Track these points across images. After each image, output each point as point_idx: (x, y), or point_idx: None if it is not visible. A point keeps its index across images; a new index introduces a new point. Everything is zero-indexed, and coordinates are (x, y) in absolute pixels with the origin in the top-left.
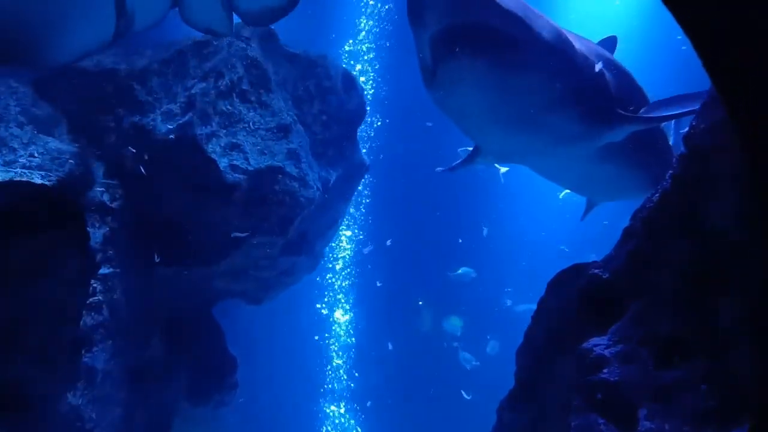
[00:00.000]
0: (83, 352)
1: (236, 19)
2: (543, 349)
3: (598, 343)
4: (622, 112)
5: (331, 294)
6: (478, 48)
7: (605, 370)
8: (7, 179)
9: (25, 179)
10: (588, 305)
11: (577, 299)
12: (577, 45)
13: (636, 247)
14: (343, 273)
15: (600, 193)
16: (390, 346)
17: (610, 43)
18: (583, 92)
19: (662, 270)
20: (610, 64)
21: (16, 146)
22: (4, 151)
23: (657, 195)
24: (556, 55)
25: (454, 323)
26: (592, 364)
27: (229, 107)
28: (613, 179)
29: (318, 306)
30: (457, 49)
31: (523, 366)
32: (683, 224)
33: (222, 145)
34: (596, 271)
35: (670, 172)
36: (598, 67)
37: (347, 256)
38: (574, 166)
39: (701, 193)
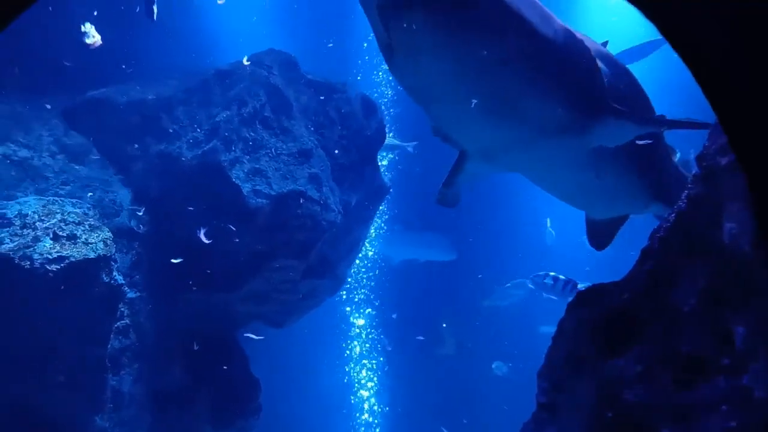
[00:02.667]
0: (111, 375)
1: (258, 48)
2: (563, 371)
3: (619, 365)
4: (615, 106)
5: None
6: (430, 7)
7: (626, 392)
8: (40, 206)
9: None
10: (608, 326)
11: (596, 320)
12: (558, 25)
13: (654, 266)
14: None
15: (598, 207)
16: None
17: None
18: (565, 73)
19: (680, 289)
20: (605, 57)
21: (48, 175)
22: (37, 180)
23: (673, 215)
24: (530, 22)
25: (500, 367)
26: (613, 387)
27: (252, 134)
28: (611, 193)
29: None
30: (406, 11)
31: (543, 388)
32: (699, 244)
33: (245, 170)
34: (615, 291)
35: (685, 192)
36: (586, 53)
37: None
38: (568, 174)
39: (715, 212)
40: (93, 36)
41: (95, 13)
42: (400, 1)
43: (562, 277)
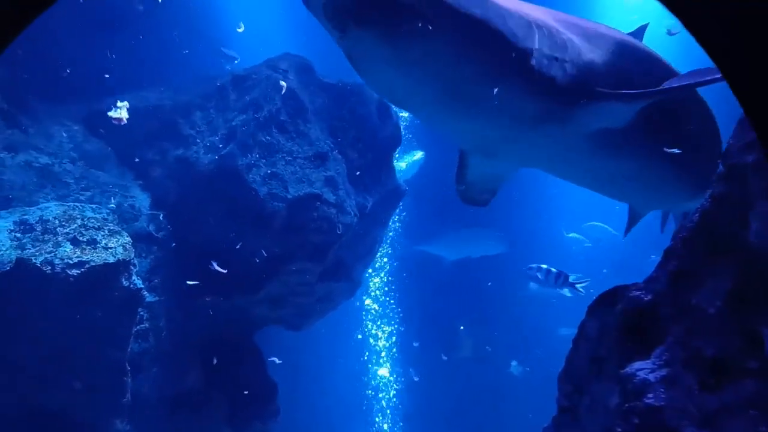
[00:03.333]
0: (131, 378)
1: (273, 53)
2: (584, 373)
3: (642, 367)
4: (597, 89)
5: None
6: (367, 17)
7: (650, 395)
8: (61, 212)
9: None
10: (629, 328)
11: (618, 322)
12: (519, 11)
13: (677, 267)
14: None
15: (636, 198)
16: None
17: (639, 32)
18: (527, 63)
19: (705, 290)
20: (596, 37)
21: (69, 181)
22: (58, 186)
23: (696, 214)
24: (477, 15)
25: (517, 367)
26: (635, 389)
27: (268, 138)
28: (637, 180)
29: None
30: (345, 20)
31: (564, 392)
32: (724, 244)
33: (262, 174)
34: (637, 292)
35: (709, 191)
36: (554, 37)
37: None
38: (583, 163)
39: (741, 211)
40: (122, 113)
41: (113, 21)
42: (340, 14)
43: (553, 269)
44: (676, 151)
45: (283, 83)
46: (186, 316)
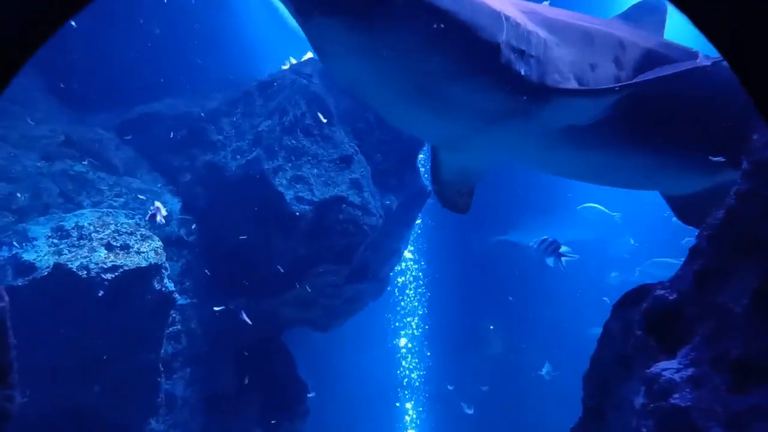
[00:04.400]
0: (164, 379)
1: (298, 57)
2: (609, 373)
3: (668, 367)
4: (562, 87)
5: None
6: (331, 4)
7: (676, 396)
8: (96, 218)
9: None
10: (655, 327)
11: (643, 321)
12: (486, 8)
13: (703, 266)
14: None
15: (648, 185)
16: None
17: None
18: (499, 56)
19: (731, 289)
20: (571, 30)
21: (103, 188)
22: (92, 193)
23: (722, 211)
24: (447, 4)
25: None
26: (661, 389)
27: (293, 142)
28: (641, 168)
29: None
30: (308, 7)
31: (589, 392)
32: (750, 241)
33: (288, 178)
34: (662, 291)
35: (735, 187)
36: (530, 28)
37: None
38: (555, 156)
39: (766, 208)
40: (160, 214)
41: (144, 28)
42: (309, 3)
43: (548, 238)
44: (720, 159)
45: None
46: (217, 318)
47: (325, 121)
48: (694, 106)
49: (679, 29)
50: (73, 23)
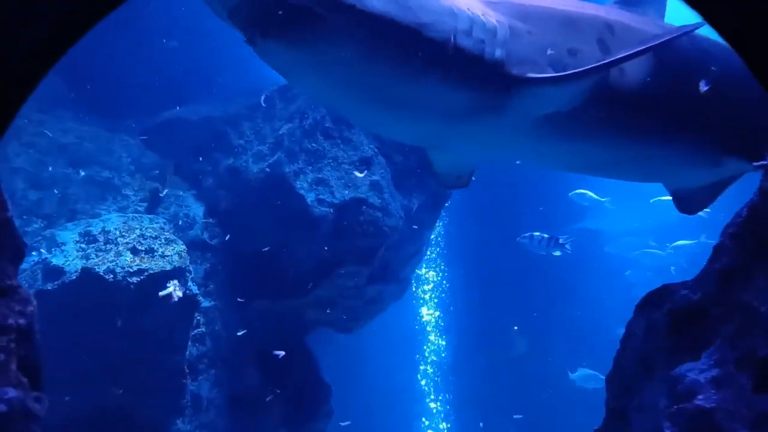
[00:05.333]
0: (190, 380)
1: None
2: (633, 374)
3: (692, 368)
4: (525, 76)
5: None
6: (272, 28)
7: (700, 397)
8: (121, 223)
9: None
10: (679, 327)
11: (666, 322)
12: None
13: (727, 264)
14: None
15: (652, 176)
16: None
17: None
18: (453, 53)
19: (756, 288)
20: (544, 16)
21: (128, 193)
22: (118, 198)
23: (745, 209)
24: (386, 9)
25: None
26: (685, 390)
27: (314, 145)
28: (639, 160)
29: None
30: (251, 32)
31: (612, 393)
32: None
33: (309, 180)
34: (686, 291)
35: (759, 185)
36: (492, 19)
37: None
38: (540, 147)
39: None
40: (175, 293)
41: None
42: (251, 29)
43: (545, 235)
44: (765, 163)
45: None
46: (240, 320)
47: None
48: (693, 92)
49: (681, 13)
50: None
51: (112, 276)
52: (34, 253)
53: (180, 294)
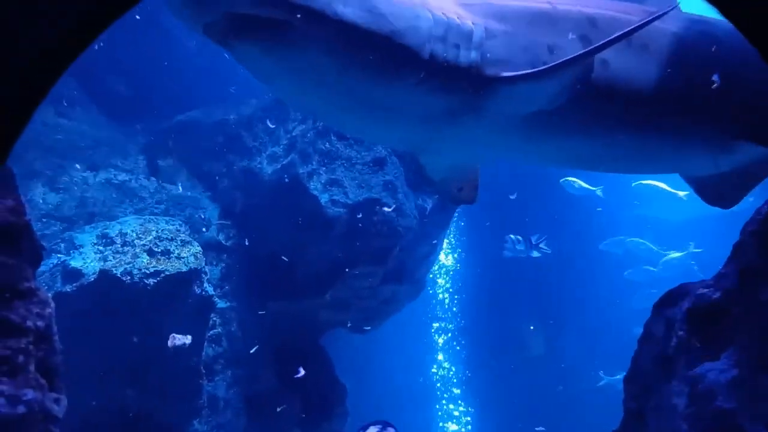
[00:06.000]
0: (206, 381)
1: None
2: (651, 375)
3: (712, 368)
4: (500, 75)
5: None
6: (245, 36)
7: (720, 397)
8: (138, 225)
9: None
10: (698, 327)
11: (685, 321)
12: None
13: (747, 263)
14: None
15: (666, 167)
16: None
17: None
18: (426, 56)
19: None
20: (521, 14)
21: (144, 195)
22: (135, 200)
23: (766, 207)
24: (357, 15)
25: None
26: (705, 391)
27: (327, 146)
28: (643, 151)
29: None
30: (225, 41)
31: (630, 393)
32: None
33: (322, 181)
34: (705, 290)
35: None
36: (466, 20)
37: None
38: (540, 145)
39: None
40: (185, 341)
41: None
42: (225, 38)
43: (519, 237)
44: None
45: None
46: (256, 320)
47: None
48: (686, 75)
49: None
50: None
51: (129, 278)
52: (53, 255)
53: (188, 341)
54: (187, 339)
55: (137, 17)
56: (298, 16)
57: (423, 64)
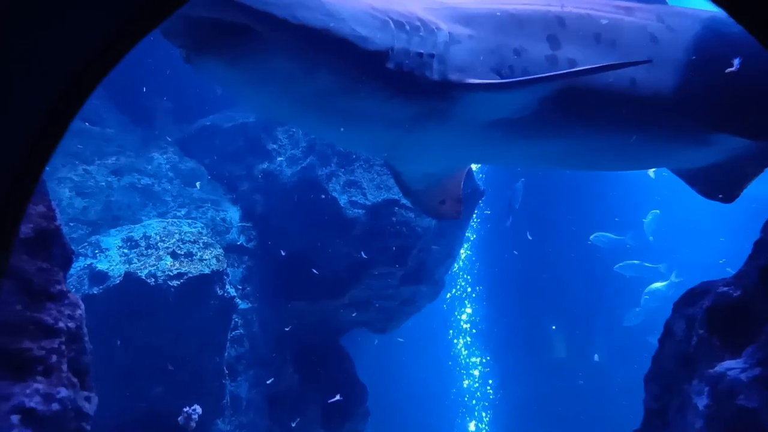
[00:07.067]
0: (229, 381)
1: None
2: (672, 373)
3: (733, 367)
4: (465, 82)
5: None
6: (205, 48)
7: (741, 396)
8: (161, 228)
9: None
10: (719, 325)
11: (706, 319)
12: (380, 6)
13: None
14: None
15: (648, 163)
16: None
17: None
18: (389, 63)
19: None
20: (489, 19)
21: (167, 199)
22: (158, 204)
23: None
24: (317, 22)
25: None
26: (726, 390)
27: (345, 148)
28: (624, 148)
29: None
30: (187, 53)
31: (652, 393)
32: None
33: (341, 183)
34: (726, 288)
35: None
36: (431, 25)
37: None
38: (512, 147)
39: None
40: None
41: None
42: (188, 50)
43: None
44: None
45: None
46: (277, 321)
47: None
48: (658, 69)
49: None
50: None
51: (153, 280)
52: (80, 258)
53: (196, 418)
54: (198, 409)
55: None
56: (258, 21)
57: (384, 70)
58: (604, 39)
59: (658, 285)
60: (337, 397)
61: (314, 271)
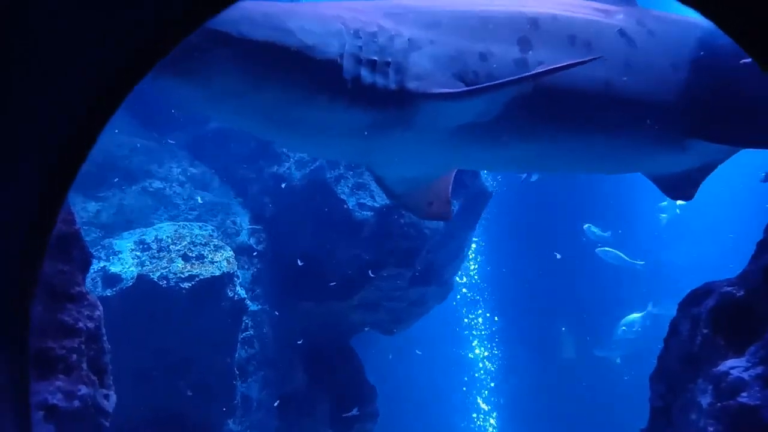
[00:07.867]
0: (240, 382)
1: None
2: (677, 373)
3: (736, 365)
4: (422, 91)
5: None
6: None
7: (744, 394)
8: (173, 231)
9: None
10: (723, 325)
11: (710, 319)
12: (333, 14)
13: None
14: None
15: (626, 166)
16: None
17: None
18: (343, 72)
19: None
20: (451, 20)
21: (178, 202)
22: (169, 207)
23: None
24: (266, 36)
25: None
26: (729, 388)
27: None
28: (596, 152)
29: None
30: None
31: (657, 392)
32: None
33: (350, 185)
34: (729, 288)
35: None
36: (389, 32)
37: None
38: (481, 152)
39: None
40: None
41: None
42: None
43: None
44: None
45: None
46: (286, 322)
47: None
48: (634, 75)
49: None
50: None
51: (165, 282)
52: (94, 261)
53: None
54: None
55: None
56: (204, 38)
57: (337, 78)
58: (579, 41)
59: (634, 316)
60: (354, 411)
61: (323, 272)
